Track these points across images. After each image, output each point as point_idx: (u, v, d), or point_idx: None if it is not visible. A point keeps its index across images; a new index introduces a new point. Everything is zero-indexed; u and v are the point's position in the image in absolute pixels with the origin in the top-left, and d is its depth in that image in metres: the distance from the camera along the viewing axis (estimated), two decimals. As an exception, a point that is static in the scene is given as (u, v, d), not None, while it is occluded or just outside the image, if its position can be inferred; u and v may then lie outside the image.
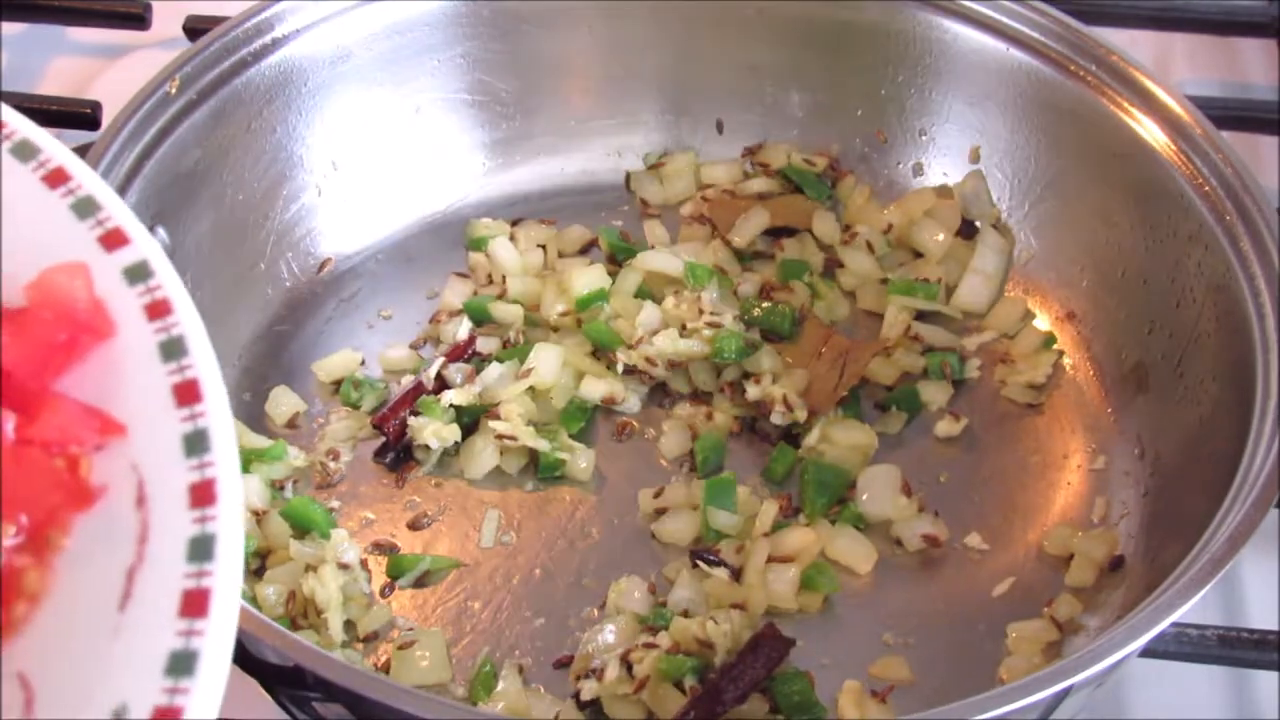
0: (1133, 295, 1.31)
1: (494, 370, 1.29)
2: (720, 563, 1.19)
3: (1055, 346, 1.36)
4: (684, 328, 1.32)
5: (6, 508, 0.71)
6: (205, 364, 0.76)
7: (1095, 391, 1.33)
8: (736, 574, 1.19)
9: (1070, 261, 1.37)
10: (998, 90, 1.39)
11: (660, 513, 1.25)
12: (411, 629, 1.18)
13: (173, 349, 0.76)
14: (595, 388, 1.30)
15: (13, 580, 0.71)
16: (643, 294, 1.36)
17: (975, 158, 1.43)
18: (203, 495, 0.71)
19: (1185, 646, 1.13)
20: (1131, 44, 1.54)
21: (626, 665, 1.12)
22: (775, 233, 1.44)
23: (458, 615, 1.19)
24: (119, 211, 0.81)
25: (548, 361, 1.29)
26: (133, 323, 0.77)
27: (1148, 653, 1.09)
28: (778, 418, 1.28)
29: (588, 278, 1.35)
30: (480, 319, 1.36)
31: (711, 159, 1.50)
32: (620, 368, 1.31)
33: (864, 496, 1.24)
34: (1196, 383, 1.22)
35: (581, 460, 1.27)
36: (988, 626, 1.18)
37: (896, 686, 1.14)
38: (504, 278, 1.39)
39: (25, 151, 0.83)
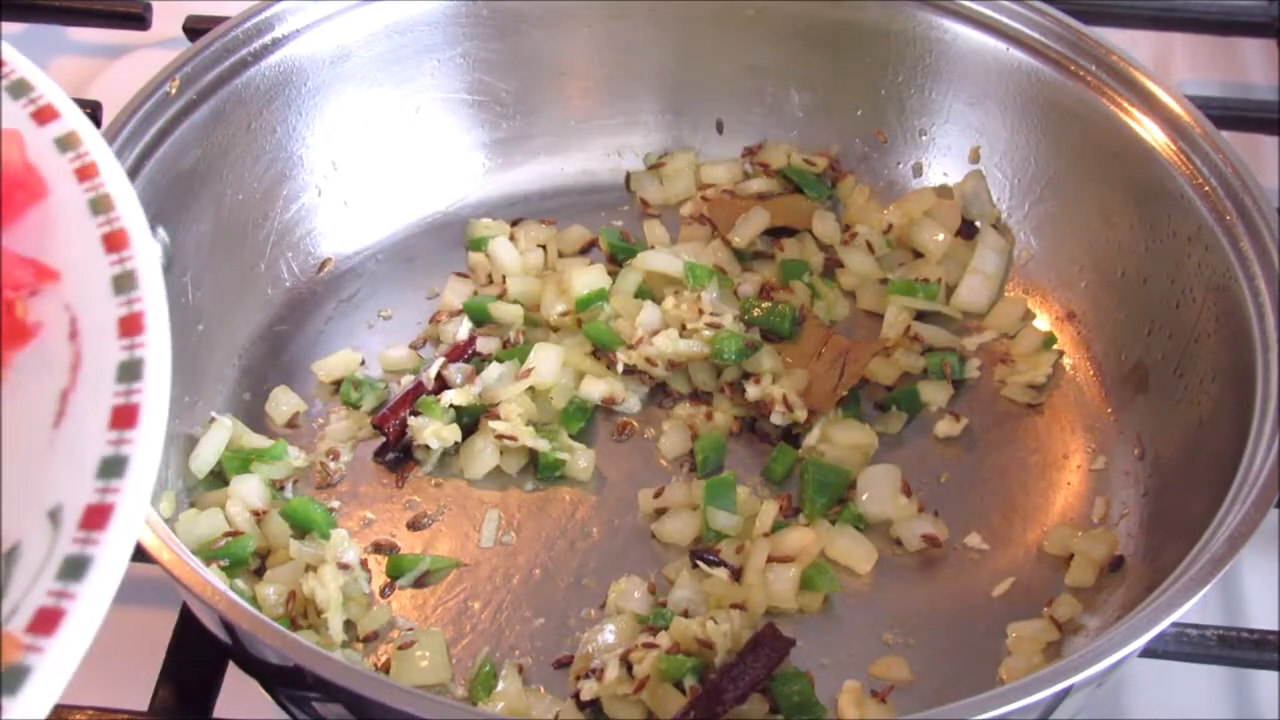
0: (1133, 295, 1.31)
1: (494, 370, 1.29)
2: (720, 563, 1.19)
3: (1055, 346, 1.36)
4: (684, 328, 1.32)
5: None
6: (131, 215, 0.83)
7: (1095, 391, 1.33)
8: (736, 574, 1.19)
9: (1070, 261, 1.37)
10: (998, 90, 1.39)
11: (660, 513, 1.25)
12: (411, 629, 1.18)
13: (100, 204, 0.83)
14: (595, 388, 1.30)
15: None
16: (643, 294, 1.36)
17: (975, 158, 1.42)
18: (131, 326, 0.77)
19: (1185, 646, 1.13)
20: (1131, 44, 1.54)
21: (626, 665, 1.12)
22: (775, 233, 1.44)
23: (458, 615, 1.19)
24: (50, 90, 0.89)
25: (548, 361, 1.29)
26: (63, 184, 0.84)
27: (1148, 653, 1.09)
28: (778, 418, 1.28)
29: (588, 278, 1.35)
30: (480, 319, 1.36)
31: (711, 159, 1.50)
32: (620, 368, 1.31)
33: (864, 496, 1.24)
34: (1196, 383, 1.22)
35: (581, 460, 1.27)
36: (988, 626, 1.18)
37: (896, 686, 1.14)
38: (504, 278, 1.39)
39: None
